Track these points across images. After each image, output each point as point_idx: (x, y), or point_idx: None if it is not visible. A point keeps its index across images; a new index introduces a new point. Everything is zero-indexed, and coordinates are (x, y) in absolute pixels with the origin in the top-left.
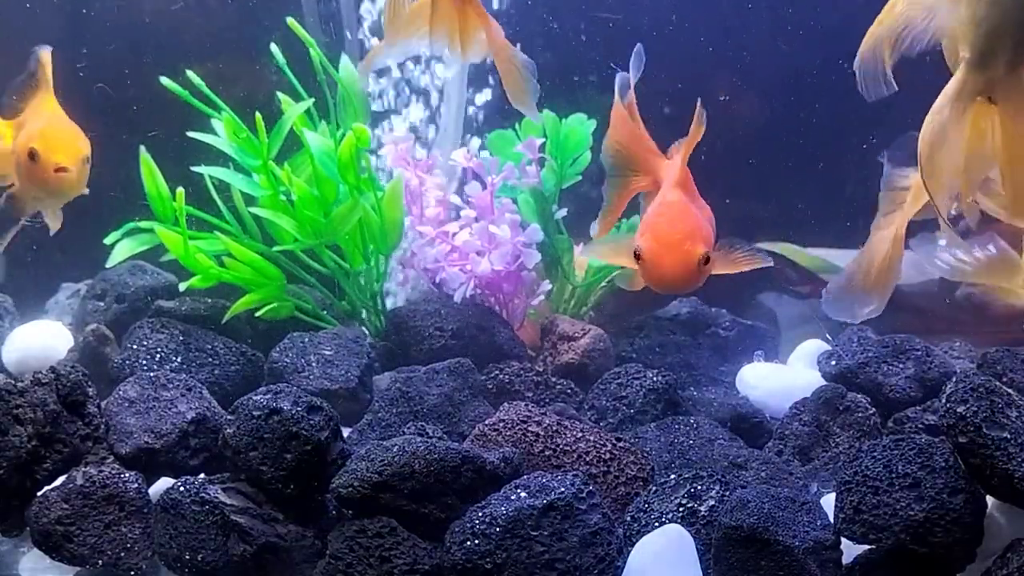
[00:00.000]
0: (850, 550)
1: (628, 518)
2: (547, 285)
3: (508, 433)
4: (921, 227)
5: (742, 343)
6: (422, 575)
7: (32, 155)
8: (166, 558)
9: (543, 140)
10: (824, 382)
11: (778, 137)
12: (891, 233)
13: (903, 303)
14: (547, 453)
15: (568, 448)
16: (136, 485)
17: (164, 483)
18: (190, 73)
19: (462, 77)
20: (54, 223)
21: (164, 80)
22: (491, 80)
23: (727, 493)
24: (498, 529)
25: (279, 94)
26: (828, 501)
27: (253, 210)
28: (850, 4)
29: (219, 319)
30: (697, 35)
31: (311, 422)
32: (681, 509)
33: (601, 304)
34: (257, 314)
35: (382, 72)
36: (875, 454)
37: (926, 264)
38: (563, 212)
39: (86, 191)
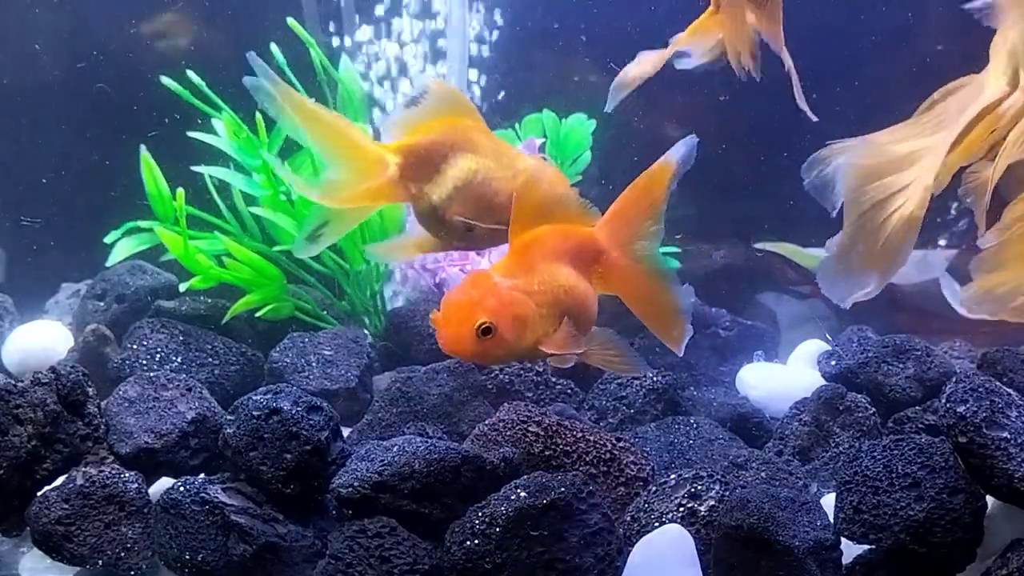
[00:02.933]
0: (850, 550)
1: (628, 518)
2: None
3: (508, 433)
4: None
5: (742, 343)
6: (422, 575)
7: None
8: (166, 558)
9: (543, 140)
10: (824, 382)
11: (778, 136)
12: None
13: (903, 303)
14: (547, 453)
15: (568, 448)
16: (136, 485)
17: (164, 483)
18: (190, 73)
19: (461, 75)
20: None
21: (164, 80)
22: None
23: (727, 493)
24: (498, 529)
25: None
26: (828, 501)
27: (253, 210)
28: (852, 3)
29: (219, 319)
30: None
31: (311, 422)
32: (681, 509)
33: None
34: (257, 314)
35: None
36: (875, 454)
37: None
38: None
39: None
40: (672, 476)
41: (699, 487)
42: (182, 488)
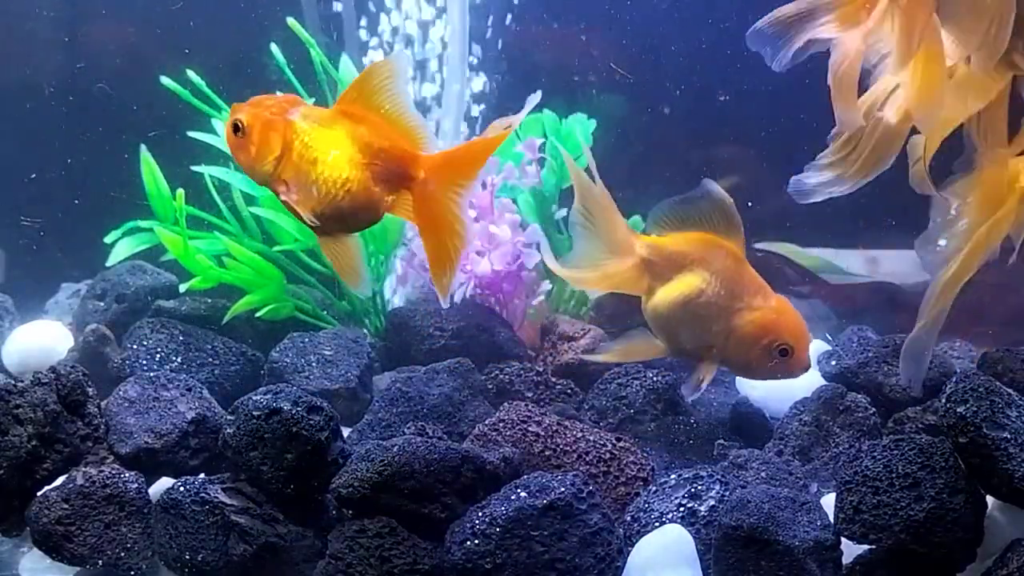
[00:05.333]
0: (850, 550)
1: (628, 518)
2: (547, 285)
3: (508, 433)
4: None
5: None
6: (422, 575)
7: (784, 351)
8: (166, 558)
9: (543, 140)
10: (824, 382)
11: (777, 137)
12: None
13: (903, 303)
14: (547, 453)
15: (568, 448)
16: (136, 485)
17: (164, 483)
18: (190, 72)
19: (462, 72)
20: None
21: (164, 80)
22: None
23: (727, 493)
24: (498, 529)
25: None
26: (828, 501)
27: (253, 210)
28: None
29: (219, 319)
30: (698, 35)
31: (311, 422)
32: (681, 509)
33: (601, 304)
34: (257, 314)
35: None
36: (875, 454)
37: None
38: (563, 212)
39: None
40: (672, 476)
41: (699, 487)
42: (182, 488)
